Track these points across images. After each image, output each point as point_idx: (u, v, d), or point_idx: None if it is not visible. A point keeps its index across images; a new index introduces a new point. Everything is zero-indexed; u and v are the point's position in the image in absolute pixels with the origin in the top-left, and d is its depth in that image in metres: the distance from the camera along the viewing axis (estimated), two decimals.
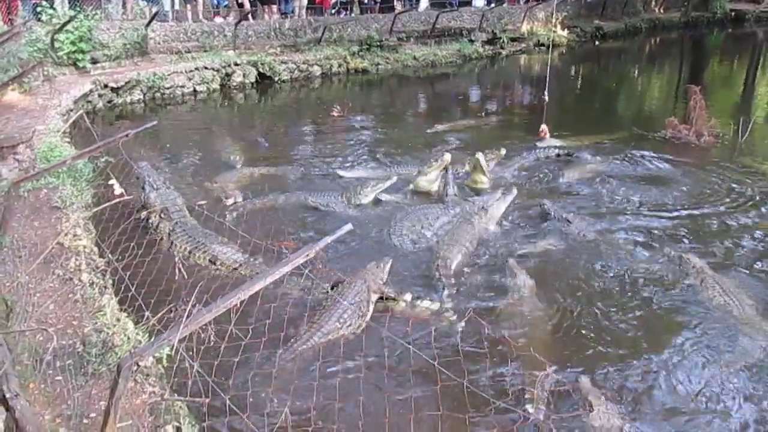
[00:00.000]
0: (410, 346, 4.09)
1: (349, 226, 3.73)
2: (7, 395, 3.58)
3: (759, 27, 32.54)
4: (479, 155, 9.63)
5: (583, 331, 5.94)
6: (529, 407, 4.52)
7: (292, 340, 5.31)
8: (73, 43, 14.80)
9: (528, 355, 4.93)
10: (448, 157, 9.44)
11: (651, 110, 16.41)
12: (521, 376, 5.03)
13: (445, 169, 9.45)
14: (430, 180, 9.54)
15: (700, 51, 27.61)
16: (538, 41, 25.07)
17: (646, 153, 11.36)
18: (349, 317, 5.64)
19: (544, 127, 12.10)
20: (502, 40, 23.86)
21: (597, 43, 27.16)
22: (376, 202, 9.07)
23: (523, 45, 24.80)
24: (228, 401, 3.63)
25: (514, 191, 8.82)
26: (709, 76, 21.53)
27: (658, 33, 30.22)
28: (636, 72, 22.82)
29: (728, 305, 6.23)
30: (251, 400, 3.97)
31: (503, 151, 10.75)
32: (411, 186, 9.61)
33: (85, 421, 3.82)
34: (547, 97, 12.30)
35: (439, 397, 3.95)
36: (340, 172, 10.38)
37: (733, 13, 32.97)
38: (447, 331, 5.71)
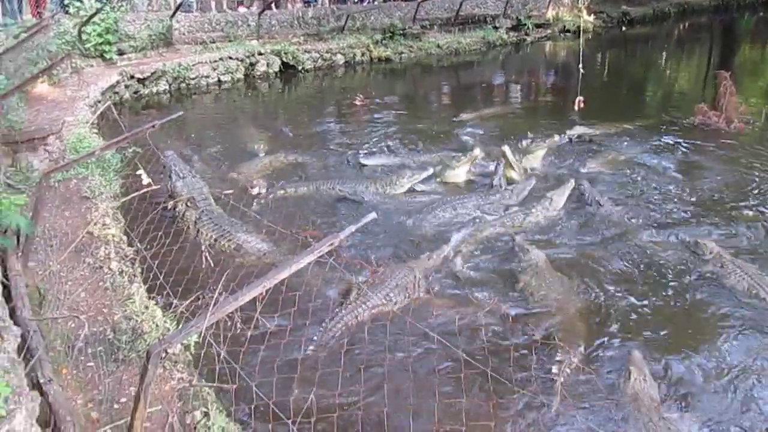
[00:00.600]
0: (434, 334, 4.09)
1: (373, 215, 3.73)
2: (41, 380, 3.68)
3: None
4: (505, 148, 9.50)
5: (609, 315, 5.95)
6: (555, 401, 4.50)
7: (337, 310, 5.49)
8: (99, 35, 14.97)
9: (552, 340, 4.94)
10: (477, 151, 9.43)
11: (680, 96, 16.11)
12: (546, 362, 5.02)
13: (502, 159, 9.42)
14: (457, 174, 9.49)
15: (730, 35, 26.96)
16: (564, 27, 24.72)
17: (674, 139, 11.22)
18: (395, 296, 5.87)
19: (580, 98, 11.93)
20: (526, 27, 23.57)
21: (624, 28, 26.65)
22: (407, 192, 9.05)
23: (549, 31, 24.46)
24: (254, 387, 3.68)
25: (572, 182, 8.78)
26: (739, 61, 21.02)
27: (687, 17, 29.58)
28: (664, 58, 22.38)
29: (753, 288, 6.17)
30: (278, 386, 4.01)
31: (556, 138, 10.37)
32: (437, 178, 9.54)
33: (115, 406, 3.91)
34: (582, 69, 12.11)
35: (463, 384, 3.95)
36: (363, 161, 10.38)
37: None
38: (472, 319, 5.70)
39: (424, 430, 4.32)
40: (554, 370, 4.80)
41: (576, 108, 11.79)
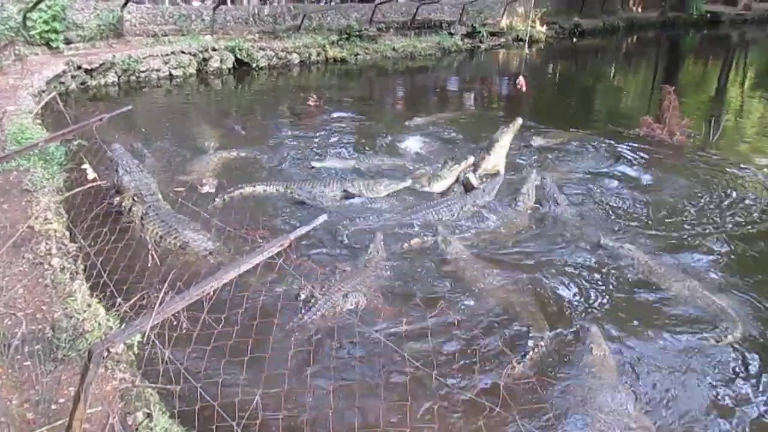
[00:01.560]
0: (381, 337, 4.12)
1: (324, 217, 3.75)
2: None
3: (733, 29, 33.21)
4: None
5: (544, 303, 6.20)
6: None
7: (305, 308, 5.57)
8: (46, 22, 14.50)
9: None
10: (472, 159, 9.55)
11: (626, 108, 16.63)
12: (490, 364, 5.12)
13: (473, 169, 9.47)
14: (445, 185, 9.43)
15: (675, 51, 28.01)
16: (517, 36, 25.26)
17: (619, 149, 11.57)
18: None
19: (521, 79, 12.06)
20: (481, 34, 23.96)
21: (575, 40, 27.41)
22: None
23: (502, 39, 24.94)
24: (199, 388, 3.63)
25: (534, 174, 9.17)
26: (683, 76, 21.86)
27: (636, 32, 30.62)
28: (612, 70, 23.09)
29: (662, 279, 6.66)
30: (223, 387, 3.97)
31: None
32: (418, 186, 9.35)
33: (53, 406, 3.80)
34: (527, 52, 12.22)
35: (408, 387, 4.00)
36: (314, 163, 10.32)
37: (709, 15, 33.51)
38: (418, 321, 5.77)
39: None
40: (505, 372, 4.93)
41: (521, 88, 11.95)
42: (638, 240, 7.78)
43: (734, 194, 9.24)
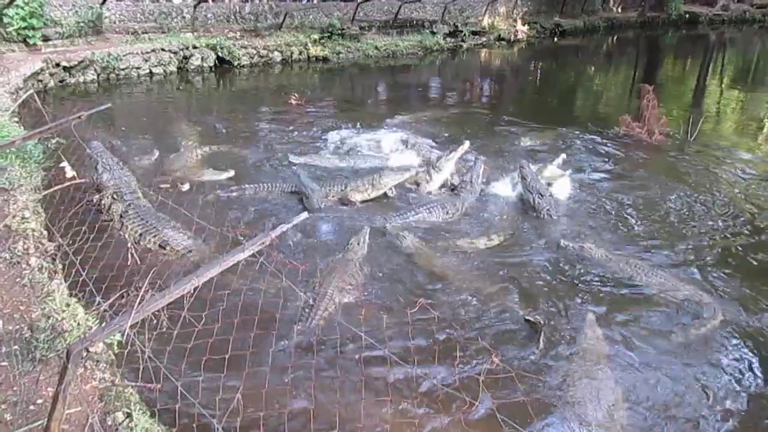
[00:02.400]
0: (362, 333, 4.13)
1: (305, 215, 3.75)
2: None
3: (712, 29, 33.60)
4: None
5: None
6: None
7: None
8: (23, 18, 14.31)
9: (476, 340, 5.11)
10: (467, 144, 9.75)
11: (606, 107, 16.76)
12: (470, 360, 5.16)
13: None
14: (444, 173, 9.45)
15: (654, 51, 28.29)
16: (499, 35, 25.35)
17: (599, 148, 11.68)
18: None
19: None
20: (463, 33, 24.02)
21: (556, 39, 27.58)
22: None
23: (484, 39, 25.01)
24: (179, 387, 3.62)
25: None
26: (662, 75, 22.07)
27: (616, 32, 30.88)
28: (593, 69, 23.27)
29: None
30: (204, 385, 3.96)
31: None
32: (420, 178, 9.35)
33: (31, 407, 3.76)
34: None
35: (389, 383, 4.02)
36: (292, 158, 10.29)
37: (687, 15, 33.88)
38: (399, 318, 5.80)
39: (350, 427, 4.37)
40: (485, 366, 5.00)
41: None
42: (618, 236, 7.90)
43: (710, 194, 9.39)
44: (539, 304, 6.28)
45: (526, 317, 5.82)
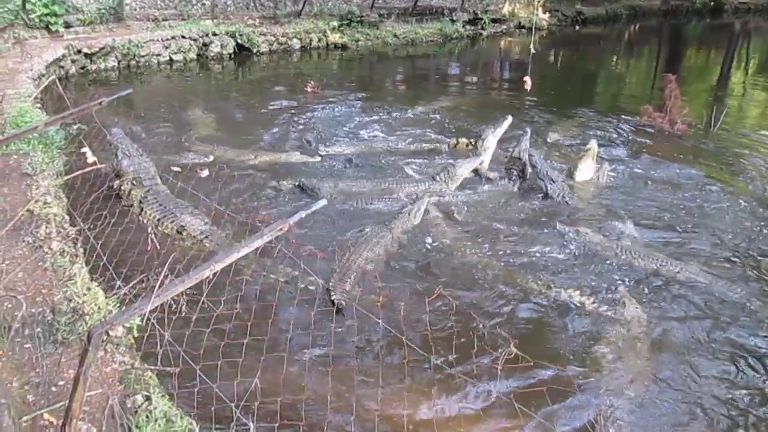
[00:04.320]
0: (379, 320, 4.14)
1: (323, 201, 3.75)
2: None
3: (736, 18, 32.91)
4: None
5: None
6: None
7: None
8: (45, 5, 14.39)
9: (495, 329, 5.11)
10: (510, 119, 9.74)
11: (628, 96, 16.53)
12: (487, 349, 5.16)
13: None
14: (491, 153, 9.42)
15: (678, 40, 27.83)
16: (519, 23, 25.07)
17: (620, 138, 11.58)
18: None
19: (527, 78, 12.09)
20: (483, 21, 23.77)
21: (577, 27, 27.19)
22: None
23: (504, 26, 24.73)
24: (198, 371, 3.65)
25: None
26: (685, 65, 21.73)
27: (638, 20, 30.35)
28: (615, 58, 22.96)
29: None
30: (221, 370, 3.99)
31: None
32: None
33: (53, 388, 3.82)
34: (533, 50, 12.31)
35: (406, 370, 4.03)
36: (322, 151, 10.16)
37: (712, 3, 33.22)
38: (417, 306, 5.80)
39: (367, 415, 4.39)
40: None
41: (526, 87, 11.96)
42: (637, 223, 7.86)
43: (730, 183, 9.26)
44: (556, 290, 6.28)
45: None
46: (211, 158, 9.35)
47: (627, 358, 5.32)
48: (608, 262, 6.92)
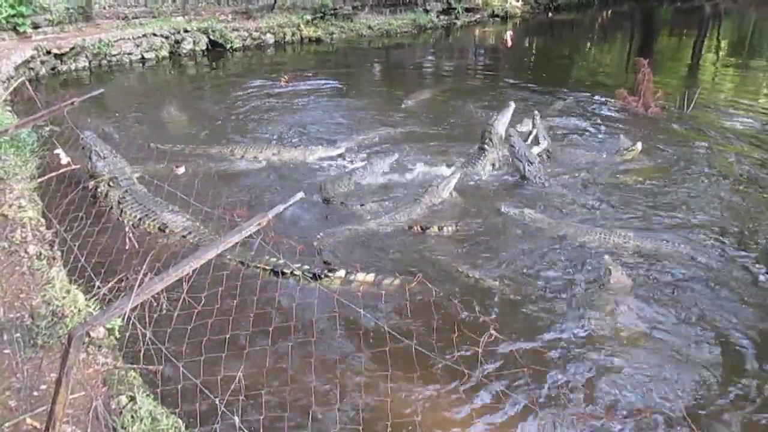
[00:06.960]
0: (361, 310, 4.16)
1: (300, 194, 3.77)
2: None
3: (707, 1, 33.26)
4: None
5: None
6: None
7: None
8: (12, 6, 14.14)
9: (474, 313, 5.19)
10: (513, 105, 9.73)
11: (602, 81, 16.67)
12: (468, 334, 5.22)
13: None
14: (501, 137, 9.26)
15: (650, 24, 28.09)
16: (493, 12, 25.13)
17: (594, 121, 11.74)
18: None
19: (509, 33, 12.07)
20: (457, 11, 23.79)
21: (550, 14, 27.34)
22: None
23: (478, 15, 24.78)
24: (182, 368, 3.65)
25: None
26: (658, 49, 21.95)
27: (610, 5, 30.55)
28: (588, 44, 23.13)
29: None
30: (204, 366, 3.99)
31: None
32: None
33: (35, 393, 3.79)
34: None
35: (388, 358, 4.06)
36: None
37: None
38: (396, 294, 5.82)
39: (351, 403, 4.43)
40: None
41: (506, 44, 11.99)
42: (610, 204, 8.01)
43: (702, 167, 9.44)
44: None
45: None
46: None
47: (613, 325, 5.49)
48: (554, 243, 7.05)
